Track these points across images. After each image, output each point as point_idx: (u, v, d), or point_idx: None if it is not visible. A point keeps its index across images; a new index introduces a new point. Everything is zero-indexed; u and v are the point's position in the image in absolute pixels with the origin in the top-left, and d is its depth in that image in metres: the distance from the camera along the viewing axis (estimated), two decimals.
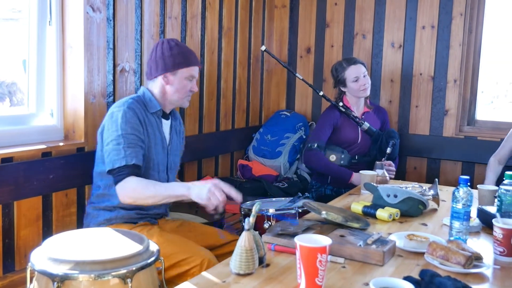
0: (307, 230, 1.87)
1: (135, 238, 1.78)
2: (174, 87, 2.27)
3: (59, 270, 1.56)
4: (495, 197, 2.21)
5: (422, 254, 1.72)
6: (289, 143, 3.76)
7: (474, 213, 2.09)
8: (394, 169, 3.19)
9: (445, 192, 2.67)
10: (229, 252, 2.23)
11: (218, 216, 2.44)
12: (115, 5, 2.67)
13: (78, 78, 2.54)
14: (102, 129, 2.20)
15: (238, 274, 1.53)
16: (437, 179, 2.54)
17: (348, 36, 3.91)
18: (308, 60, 4.08)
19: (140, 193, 2.06)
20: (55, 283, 1.54)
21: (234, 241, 2.34)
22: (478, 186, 2.45)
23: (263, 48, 3.47)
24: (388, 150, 3.16)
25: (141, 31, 2.86)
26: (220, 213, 2.18)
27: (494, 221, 1.75)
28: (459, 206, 1.83)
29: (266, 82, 4.16)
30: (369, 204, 2.26)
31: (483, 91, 3.77)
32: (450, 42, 3.59)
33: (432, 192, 2.44)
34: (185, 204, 3.01)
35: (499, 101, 3.92)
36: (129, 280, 1.58)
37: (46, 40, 2.50)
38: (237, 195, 1.98)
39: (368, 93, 3.31)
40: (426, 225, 2.14)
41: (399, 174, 3.77)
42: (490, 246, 1.80)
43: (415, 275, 1.49)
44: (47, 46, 2.51)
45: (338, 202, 2.47)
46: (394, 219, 2.17)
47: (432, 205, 2.40)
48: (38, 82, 2.50)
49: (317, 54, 4.04)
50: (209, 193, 1.96)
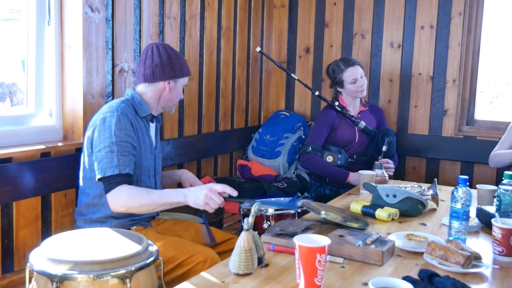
0: (306, 230, 1.87)
1: (134, 238, 1.78)
2: (173, 94, 2.28)
3: (58, 270, 1.56)
4: (494, 197, 2.21)
5: (421, 254, 1.72)
6: (288, 143, 3.76)
7: (473, 213, 2.09)
8: (392, 166, 3.19)
9: (444, 192, 2.67)
10: (224, 250, 2.24)
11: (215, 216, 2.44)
12: (114, 5, 2.66)
13: (77, 78, 2.53)
14: (92, 133, 2.13)
15: (237, 274, 1.53)
16: (436, 179, 2.54)
17: (347, 36, 3.91)
18: (307, 60, 4.08)
19: (134, 201, 2.02)
20: (54, 284, 1.54)
21: (231, 239, 2.34)
22: (477, 186, 2.45)
23: (258, 49, 3.48)
24: (383, 148, 3.17)
25: (140, 31, 2.86)
26: (219, 212, 2.18)
27: (493, 221, 1.75)
28: (458, 206, 1.83)
29: (265, 82, 4.16)
30: (368, 204, 2.26)
31: (482, 91, 3.77)
32: (449, 42, 3.59)
33: (431, 192, 2.44)
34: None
35: (498, 101, 3.93)
36: (128, 280, 1.58)
37: (45, 40, 2.50)
38: (232, 191, 1.97)
39: (364, 93, 3.31)
40: (425, 225, 2.14)
41: (398, 174, 3.78)
42: (489, 246, 1.80)
43: (414, 275, 1.49)
44: (46, 46, 2.51)
45: (337, 202, 2.47)
46: (393, 219, 2.17)
47: (431, 205, 2.40)
48: (37, 82, 2.50)
49: (316, 54, 4.04)
50: (206, 198, 1.95)
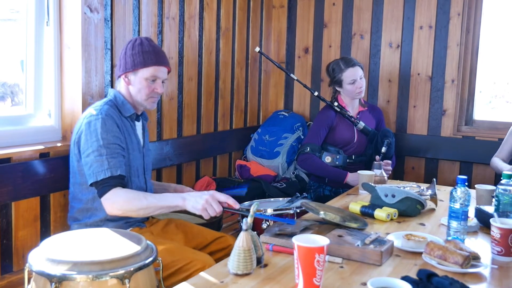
0: (305, 230, 1.87)
1: (133, 238, 1.78)
2: (136, 88, 2.18)
3: (57, 270, 1.56)
4: (493, 197, 2.22)
5: (420, 254, 1.72)
6: (287, 144, 3.76)
7: (472, 212, 2.09)
8: (390, 168, 3.20)
9: (443, 192, 2.67)
10: (219, 249, 2.23)
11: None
12: (113, 5, 2.67)
13: (76, 78, 2.53)
14: (79, 138, 2.10)
15: (236, 274, 1.53)
16: (435, 179, 2.54)
17: (346, 36, 3.92)
18: (306, 60, 4.08)
19: (131, 204, 1.99)
20: (53, 284, 1.54)
21: (222, 237, 2.32)
22: (476, 185, 2.45)
23: (257, 49, 3.48)
24: (383, 150, 3.17)
25: (139, 32, 2.86)
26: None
27: (491, 220, 1.75)
28: (457, 206, 1.83)
29: (264, 82, 4.16)
30: (367, 204, 2.27)
31: (481, 91, 3.77)
32: (447, 42, 3.59)
33: (430, 192, 2.44)
34: None
35: (497, 101, 3.93)
36: (127, 280, 1.58)
37: (44, 40, 2.50)
38: (234, 203, 1.93)
39: (362, 95, 3.32)
40: (424, 225, 2.14)
41: (397, 174, 3.78)
42: (488, 245, 1.81)
43: (413, 275, 1.49)
44: (45, 47, 2.51)
45: (336, 202, 2.47)
46: (392, 219, 2.18)
47: (430, 205, 2.40)
48: (36, 83, 2.50)
49: (315, 54, 4.04)
50: (206, 204, 1.92)
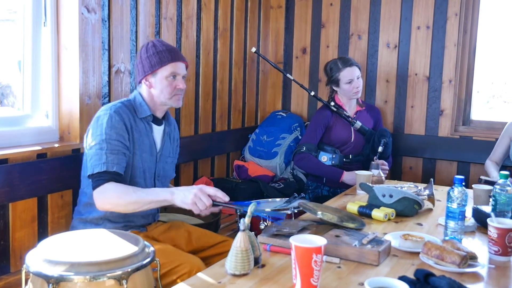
0: (303, 230, 1.87)
1: (131, 239, 1.78)
2: (158, 89, 2.19)
3: (54, 271, 1.55)
4: (490, 196, 2.22)
5: (417, 253, 1.72)
6: (285, 144, 3.77)
7: (469, 212, 2.10)
8: (387, 168, 3.20)
9: (440, 192, 2.68)
10: (219, 253, 2.22)
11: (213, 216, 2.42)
12: (110, 5, 2.66)
13: (73, 79, 2.53)
14: (87, 132, 2.15)
15: (234, 275, 1.53)
16: (432, 179, 2.54)
17: (343, 36, 3.92)
18: (303, 60, 4.08)
19: (120, 199, 1.98)
20: (50, 285, 1.53)
21: (224, 241, 2.31)
22: (473, 185, 2.46)
23: (254, 50, 3.48)
24: (379, 149, 3.17)
25: (136, 32, 2.86)
26: (216, 213, 2.15)
27: (488, 220, 1.75)
28: (454, 205, 1.84)
29: (262, 83, 4.16)
30: (364, 204, 2.27)
31: (479, 91, 3.78)
32: (445, 42, 3.60)
33: (427, 192, 2.45)
34: None
35: (495, 100, 3.94)
36: (124, 281, 1.57)
37: (41, 41, 2.50)
38: (224, 196, 1.92)
39: (359, 95, 3.32)
40: (421, 225, 2.15)
41: (395, 174, 3.79)
42: (485, 245, 1.81)
43: (410, 275, 1.49)
44: (42, 47, 2.51)
45: (333, 203, 2.48)
46: (389, 219, 2.18)
47: (427, 205, 2.41)
48: (33, 83, 2.50)
49: (312, 54, 4.04)
50: (194, 198, 1.90)
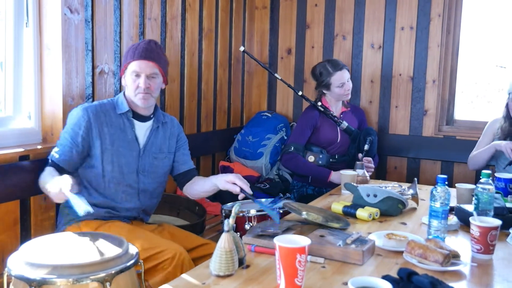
0: (287, 230, 1.87)
1: (115, 241, 1.77)
2: (127, 85, 2.28)
3: (37, 274, 1.54)
4: (473, 195, 2.24)
5: (401, 253, 1.73)
6: (270, 144, 3.77)
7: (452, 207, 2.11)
8: (373, 166, 3.22)
9: (424, 191, 2.70)
10: (205, 255, 2.23)
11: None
12: (94, 6, 2.64)
13: (56, 80, 2.51)
14: None
15: (218, 276, 1.53)
16: (416, 179, 2.56)
17: (328, 37, 3.93)
18: (289, 61, 4.09)
19: (41, 180, 2.13)
20: None
21: (207, 244, 2.31)
22: (456, 184, 2.48)
23: (242, 48, 3.48)
24: (365, 147, 3.19)
25: (120, 33, 2.84)
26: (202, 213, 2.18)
27: (471, 219, 1.77)
28: (437, 205, 1.85)
29: (247, 83, 4.16)
30: (349, 204, 2.28)
31: (463, 91, 3.82)
32: (428, 43, 3.63)
33: (411, 191, 2.47)
34: (166, 206, 3.01)
35: (479, 100, 3.98)
36: (108, 283, 1.57)
37: (23, 41, 2.47)
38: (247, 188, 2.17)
39: (349, 96, 3.34)
40: (405, 224, 2.16)
41: (380, 174, 3.81)
42: (468, 244, 1.83)
43: (394, 274, 1.50)
44: (24, 48, 2.48)
45: (318, 202, 2.48)
46: (374, 219, 2.19)
47: (411, 204, 2.43)
48: (15, 84, 2.47)
49: (297, 55, 4.05)
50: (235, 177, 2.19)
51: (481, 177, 1.99)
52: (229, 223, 1.58)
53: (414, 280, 1.38)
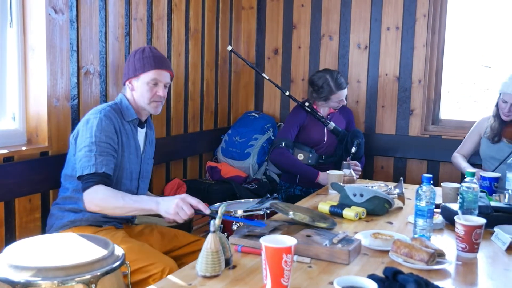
0: (274, 230, 1.87)
1: (100, 243, 1.75)
2: (139, 92, 2.27)
3: (21, 277, 1.52)
4: (458, 194, 2.26)
5: (387, 252, 1.74)
6: (257, 145, 3.77)
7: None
8: (360, 168, 3.23)
9: (410, 190, 2.71)
10: (193, 251, 2.24)
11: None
12: (78, 6, 2.62)
13: (41, 81, 2.48)
14: (77, 134, 2.20)
15: (204, 277, 1.53)
16: (402, 178, 2.57)
17: (315, 37, 3.94)
18: (275, 61, 4.09)
19: (108, 203, 2.04)
20: None
21: (197, 240, 2.34)
22: (442, 184, 2.50)
23: (229, 48, 3.47)
24: (353, 150, 3.21)
25: (105, 33, 2.82)
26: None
27: (456, 218, 1.78)
28: (423, 204, 1.86)
29: (234, 84, 4.16)
30: (336, 203, 2.28)
31: (449, 91, 3.85)
32: (414, 43, 3.65)
33: (397, 190, 2.48)
34: None
35: (465, 100, 4.01)
36: (93, 285, 1.55)
37: (7, 42, 2.44)
38: (204, 208, 1.96)
39: (340, 106, 3.35)
40: (391, 223, 2.17)
41: (367, 174, 3.82)
42: (453, 242, 1.84)
43: (380, 273, 1.50)
44: (8, 49, 2.45)
45: (305, 202, 2.49)
46: (360, 218, 2.20)
47: (397, 203, 2.44)
48: None
49: (284, 55, 4.06)
50: (176, 207, 1.94)
51: (465, 176, 2.01)
52: (215, 224, 1.57)
53: (400, 279, 1.39)
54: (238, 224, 2.35)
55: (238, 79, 4.19)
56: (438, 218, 2.10)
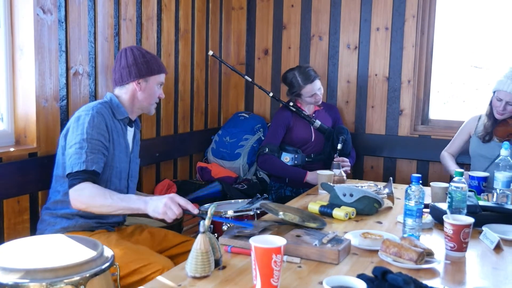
0: (264, 231, 1.87)
1: (89, 244, 1.74)
2: (146, 93, 2.29)
3: (9, 279, 1.51)
4: (447, 194, 2.27)
5: (377, 251, 1.75)
6: (248, 145, 3.77)
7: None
8: (349, 164, 3.24)
9: (400, 190, 2.72)
10: (184, 251, 2.25)
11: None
12: (67, 6, 2.61)
13: (29, 81, 2.47)
14: (67, 131, 2.17)
15: (194, 277, 1.52)
16: (391, 178, 2.59)
17: (305, 38, 3.95)
18: (266, 61, 4.10)
19: (95, 200, 2.00)
20: None
21: (188, 240, 2.34)
22: (431, 183, 2.51)
23: (211, 53, 3.50)
24: (339, 146, 3.22)
25: (94, 33, 2.80)
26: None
27: (444, 217, 1.79)
28: (412, 203, 1.87)
29: (224, 84, 4.16)
30: (325, 203, 2.29)
31: (439, 91, 3.87)
32: (403, 43, 3.67)
33: (387, 190, 2.49)
34: None
35: (454, 100, 4.04)
36: (82, 287, 1.54)
37: None
38: (193, 209, 1.95)
39: (320, 102, 3.36)
40: (381, 223, 2.18)
41: (357, 173, 3.84)
42: (442, 241, 1.85)
43: (369, 273, 1.51)
44: None
45: (295, 203, 2.49)
46: (350, 218, 2.20)
47: (387, 203, 2.45)
48: None
49: (274, 55, 4.06)
50: (165, 207, 1.92)
51: (454, 175, 2.02)
52: (204, 224, 1.57)
53: (389, 278, 1.39)
54: (229, 224, 2.35)
55: (228, 80, 4.19)
56: (427, 218, 2.12)
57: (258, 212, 2.40)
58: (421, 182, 1.90)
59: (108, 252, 1.73)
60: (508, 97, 2.92)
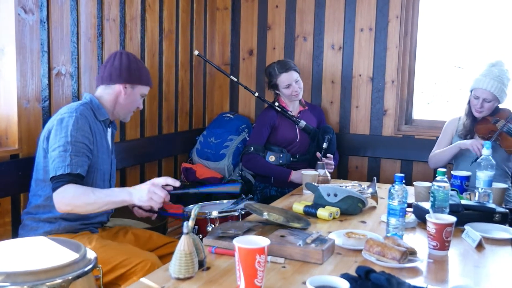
0: (249, 231, 1.87)
1: (71, 246, 1.73)
2: (128, 100, 2.30)
3: None
4: (430, 193, 2.29)
5: (360, 251, 1.75)
6: (232, 146, 3.76)
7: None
8: (333, 163, 3.25)
9: (384, 189, 2.74)
10: (168, 253, 2.24)
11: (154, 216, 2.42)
12: (49, 6, 2.58)
13: (10, 82, 2.44)
14: (48, 134, 2.13)
15: (178, 279, 1.52)
16: (375, 178, 2.60)
17: (289, 38, 3.96)
18: (250, 62, 4.10)
19: (79, 200, 1.98)
20: None
21: (172, 242, 2.34)
22: (414, 183, 2.53)
23: (196, 52, 3.49)
24: (324, 145, 3.23)
25: (77, 34, 2.78)
26: (156, 211, 2.20)
27: (427, 216, 1.81)
28: (395, 203, 1.88)
29: (209, 84, 4.15)
30: (310, 203, 2.29)
31: (423, 91, 3.90)
32: (387, 44, 3.69)
33: (370, 190, 2.50)
34: (127, 209, 2.96)
35: (438, 100, 4.08)
36: None
37: None
38: (174, 182, 1.94)
39: (300, 97, 3.37)
40: (365, 222, 2.19)
41: (341, 173, 3.85)
42: (425, 240, 1.86)
43: (353, 272, 1.51)
44: None
45: (280, 203, 2.49)
46: (334, 218, 2.21)
47: (371, 203, 2.46)
48: None
49: (259, 56, 4.06)
50: (149, 193, 1.92)
51: (437, 175, 2.04)
52: (188, 225, 1.56)
53: (372, 277, 1.40)
54: (213, 225, 2.35)
55: (213, 80, 4.18)
56: (411, 217, 2.13)
57: (243, 212, 2.40)
58: (404, 181, 1.91)
59: (91, 254, 1.71)
60: (484, 94, 2.96)
